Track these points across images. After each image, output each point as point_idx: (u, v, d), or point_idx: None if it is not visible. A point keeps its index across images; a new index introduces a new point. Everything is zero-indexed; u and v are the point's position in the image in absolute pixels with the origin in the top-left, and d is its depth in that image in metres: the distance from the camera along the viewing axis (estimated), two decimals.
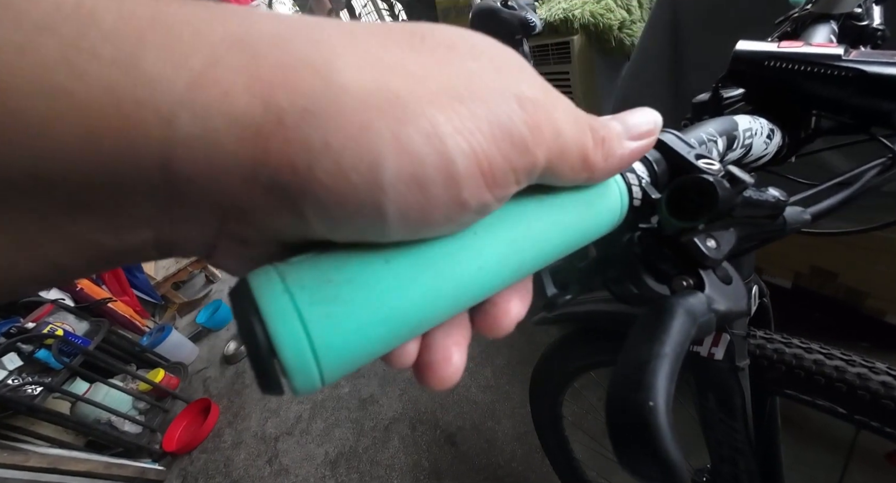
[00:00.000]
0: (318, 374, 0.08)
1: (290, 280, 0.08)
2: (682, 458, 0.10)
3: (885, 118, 0.21)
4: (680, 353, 0.11)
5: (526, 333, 1.32)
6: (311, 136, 0.07)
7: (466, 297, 0.10)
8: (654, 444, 0.09)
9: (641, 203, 0.14)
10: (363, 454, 1.20)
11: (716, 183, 0.12)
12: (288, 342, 0.08)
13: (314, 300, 0.08)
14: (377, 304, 0.09)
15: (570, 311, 0.54)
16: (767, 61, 0.24)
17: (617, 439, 0.10)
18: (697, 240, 0.13)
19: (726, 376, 0.37)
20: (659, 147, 0.16)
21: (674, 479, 0.09)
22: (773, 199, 0.15)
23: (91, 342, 1.46)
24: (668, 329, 0.11)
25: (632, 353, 0.11)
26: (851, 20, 0.34)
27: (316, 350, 0.08)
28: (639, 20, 1.10)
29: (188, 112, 0.07)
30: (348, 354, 0.08)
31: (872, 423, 0.32)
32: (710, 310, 0.13)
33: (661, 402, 0.10)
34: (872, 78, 0.20)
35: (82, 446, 1.39)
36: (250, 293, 0.08)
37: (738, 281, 0.14)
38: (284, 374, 0.08)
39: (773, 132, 0.23)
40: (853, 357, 0.34)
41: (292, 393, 0.08)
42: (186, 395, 1.67)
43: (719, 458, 0.42)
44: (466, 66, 0.09)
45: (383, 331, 0.09)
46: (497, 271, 0.11)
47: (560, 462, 0.79)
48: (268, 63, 0.07)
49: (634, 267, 0.16)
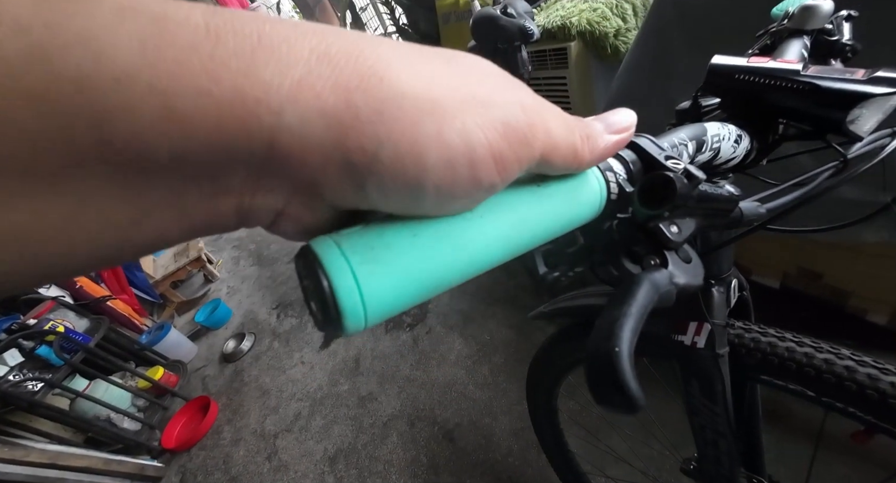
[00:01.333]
0: (363, 316, 0.11)
1: (344, 246, 0.11)
2: (640, 391, 0.12)
3: (836, 126, 0.24)
4: (642, 314, 0.14)
5: (523, 332, 1.34)
6: (378, 129, 0.10)
7: (475, 267, 0.13)
8: (618, 379, 0.12)
9: (618, 196, 0.17)
10: (362, 450, 1.22)
11: (675, 178, 0.15)
12: (345, 291, 0.10)
13: (362, 261, 0.11)
14: (407, 267, 0.11)
15: (566, 305, 0.57)
16: (738, 74, 0.27)
17: (592, 378, 0.13)
18: (662, 225, 0.16)
19: (708, 363, 0.40)
20: (635, 149, 0.18)
21: (634, 406, 0.12)
22: (727, 193, 0.17)
23: (91, 339, 1.47)
24: (635, 294, 0.14)
25: (606, 313, 0.14)
26: (823, 35, 0.37)
27: (364, 298, 0.11)
28: (633, 28, 1.14)
29: (291, 107, 0.09)
30: (386, 303, 0.11)
31: (838, 404, 0.35)
32: (672, 283, 0.15)
33: (625, 348, 0.13)
34: (824, 91, 0.23)
35: (81, 443, 1.40)
36: (316, 256, 0.11)
37: (697, 261, 0.17)
38: (339, 315, 0.10)
39: (740, 137, 0.25)
40: (821, 344, 0.37)
41: (342, 334, 0.11)
42: (185, 392, 1.68)
43: (703, 441, 0.45)
44: (483, 81, 0.12)
45: (412, 287, 0.12)
46: (499, 247, 0.13)
47: (555, 455, 0.82)
48: (346, 73, 0.10)
49: (614, 251, 0.19)
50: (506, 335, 1.36)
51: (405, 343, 1.50)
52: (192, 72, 0.09)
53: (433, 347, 1.44)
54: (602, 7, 1.11)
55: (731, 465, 0.46)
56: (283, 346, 1.75)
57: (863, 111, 0.23)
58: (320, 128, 0.10)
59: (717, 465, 0.47)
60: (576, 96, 1.20)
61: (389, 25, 2.39)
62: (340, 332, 0.11)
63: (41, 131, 0.08)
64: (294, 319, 1.87)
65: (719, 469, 0.47)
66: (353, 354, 1.55)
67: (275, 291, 2.11)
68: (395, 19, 2.18)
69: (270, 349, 1.76)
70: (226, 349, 1.81)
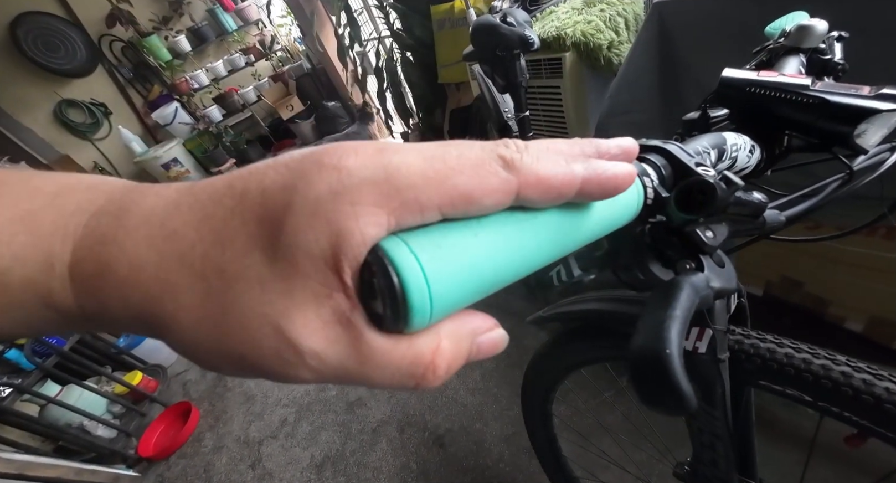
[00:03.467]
0: (430, 313, 0.11)
1: (413, 244, 0.11)
2: (692, 391, 0.12)
3: (843, 139, 0.25)
4: (687, 317, 0.14)
5: (515, 338, 1.34)
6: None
7: (528, 266, 0.13)
8: (671, 381, 0.12)
9: (653, 201, 0.17)
10: (350, 457, 1.20)
11: (715, 184, 0.15)
12: (415, 288, 0.10)
13: (430, 258, 0.10)
14: (470, 265, 0.11)
15: (567, 310, 0.57)
16: (749, 87, 0.28)
17: (640, 380, 0.13)
18: (698, 230, 0.16)
19: (709, 368, 0.41)
20: (665, 155, 0.19)
21: (688, 406, 0.12)
22: (756, 200, 0.18)
23: (66, 342, 1.41)
24: (678, 297, 0.14)
25: (650, 316, 0.14)
26: (817, 54, 0.39)
27: (432, 295, 0.10)
28: (626, 41, 1.17)
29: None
30: (450, 300, 0.11)
31: (833, 409, 0.36)
32: (708, 286, 0.16)
33: (675, 350, 0.13)
34: (833, 105, 0.24)
35: (51, 452, 1.33)
36: (385, 252, 0.10)
37: (730, 265, 0.17)
38: (407, 311, 0.10)
39: (754, 148, 0.26)
40: (818, 350, 0.38)
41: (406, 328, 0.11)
42: (165, 398, 1.62)
43: (700, 444, 0.46)
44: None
45: (472, 285, 0.11)
46: (550, 248, 0.13)
47: (549, 460, 0.82)
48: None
49: (642, 255, 0.19)
50: None
51: None
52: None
53: None
54: (596, 20, 1.14)
55: (727, 468, 0.46)
56: None
57: (869, 126, 0.24)
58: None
59: (713, 467, 0.47)
60: (569, 105, 1.22)
61: (384, 30, 2.39)
62: (406, 327, 0.11)
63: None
64: None
65: (716, 472, 0.47)
66: None
67: None
68: (389, 24, 2.18)
69: None
70: None
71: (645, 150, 0.19)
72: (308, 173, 0.10)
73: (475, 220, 0.12)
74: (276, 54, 3.34)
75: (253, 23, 3.16)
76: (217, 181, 0.11)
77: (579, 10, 1.20)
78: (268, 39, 3.27)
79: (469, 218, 0.12)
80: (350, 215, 0.10)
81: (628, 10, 1.19)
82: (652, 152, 0.19)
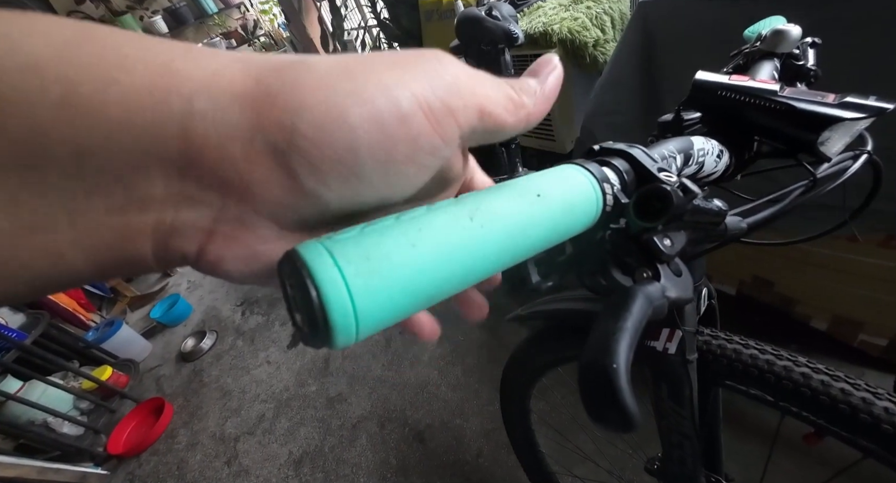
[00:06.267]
0: (355, 332, 0.10)
1: (337, 254, 0.10)
2: (637, 408, 0.12)
3: (808, 146, 0.25)
4: (638, 329, 0.14)
5: (496, 335, 1.35)
6: (291, 100, 0.10)
7: (473, 277, 0.12)
8: (616, 397, 0.12)
9: (613, 207, 0.17)
10: (329, 453, 1.19)
11: (672, 192, 0.15)
12: (337, 307, 0.09)
13: (357, 272, 0.10)
14: (405, 279, 0.10)
15: (541, 309, 0.57)
16: (720, 91, 0.28)
17: (587, 393, 0.12)
18: (656, 238, 0.16)
19: (678, 368, 0.41)
20: (629, 160, 0.18)
21: (630, 424, 0.12)
22: (716, 208, 0.18)
23: (28, 336, 1.34)
24: (629, 308, 0.14)
25: (600, 327, 0.14)
26: (791, 59, 0.39)
27: (357, 314, 0.09)
28: (612, 40, 1.17)
29: (204, 94, 0.09)
30: (379, 318, 0.10)
31: (793, 408, 0.37)
32: (664, 296, 0.15)
33: (622, 364, 0.12)
34: (799, 112, 0.25)
35: (11, 450, 1.27)
36: (304, 263, 0.09)
37: (687, 274, 0.17)
38: (328, 331, 0.09)
39: (722, 152, 0.26)
40: (781, 352, 0.39)
41: (330, 348, 0.10)
42: (136, 394, 1.57)
43: (669, 443, 0.47)
44: (405, 57, 0.12)
45: (407, 300, 0.11)
46: (497, 256, 0.13)
47: (526, 455, 0.83)
48: (259, 64, 0.10)
49: (604, 262, 0.18)
50: (479, 336, 1.37)
51: (378, 343, 1.47)
52: (105, 65, 0.08)
53: (406, 348, 1.42)
54: (583, 17, 1.14)
55: (694, 464, 0.48)
56: (247, 344, 1.67)
57: (832, 134, 0.24)
58: (234, 111, 0.09)
59: (681, 465, 0.48)
60: (555, 102, 1.22)
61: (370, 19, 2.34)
62: (328, 346, 0.10)
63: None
64: (260, 317, 1.79)
65: (683, 469, 0.49)
66: (323, 354, 1.50)
67: (240, 288, 2.01)
68: (375, 13, 2.13)
69: (233, 348, 1.67)
70: (184, 348, 1.71)
71: (609, 153, 0.19)
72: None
73: (414, 225, 0.11)
74: (260, 40, 3.23)
75: (235, 6, 3.05)
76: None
77: (566, 7, 1.19)
78: (250, 24, 3.16)
79: (408, 223, 0.11)
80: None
81: (614, 8, 1.19)
82: (616, 156, 0.18)
